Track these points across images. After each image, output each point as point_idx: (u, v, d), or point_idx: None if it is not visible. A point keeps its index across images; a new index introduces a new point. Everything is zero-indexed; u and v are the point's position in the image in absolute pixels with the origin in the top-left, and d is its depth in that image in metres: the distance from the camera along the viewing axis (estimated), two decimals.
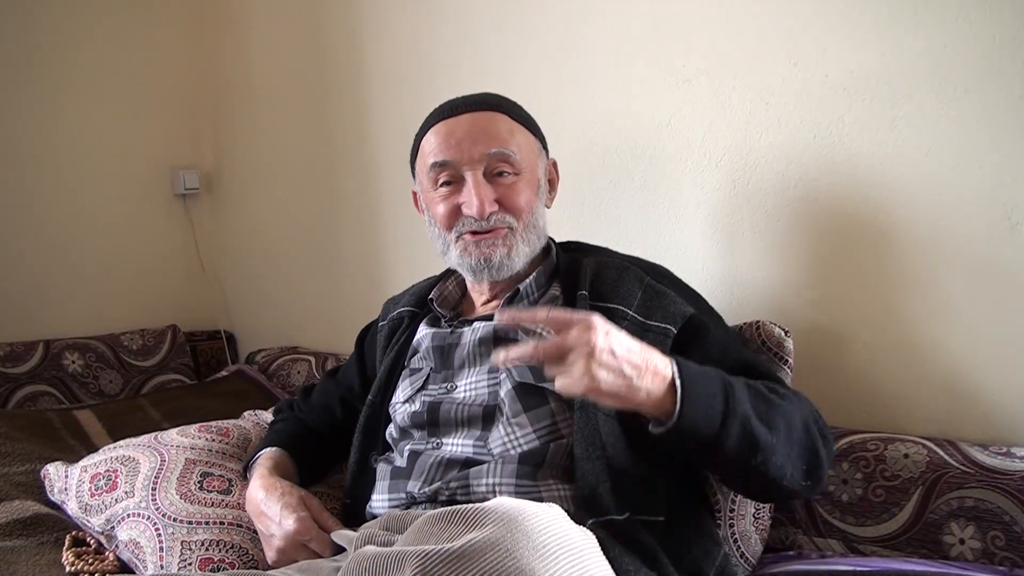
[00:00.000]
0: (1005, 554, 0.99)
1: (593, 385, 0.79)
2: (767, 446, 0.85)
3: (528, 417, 0.98)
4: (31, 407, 1.93)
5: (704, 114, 1.36)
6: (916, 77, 1.14)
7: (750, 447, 0.84)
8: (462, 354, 1.09)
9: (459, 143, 1.08)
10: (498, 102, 1.14)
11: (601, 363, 0.78)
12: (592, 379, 0.78)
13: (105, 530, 1.21)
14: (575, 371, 0.79)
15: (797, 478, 0.88)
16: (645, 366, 0.81)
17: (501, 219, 1.08)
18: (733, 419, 0.83)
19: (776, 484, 0.87)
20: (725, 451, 0.84)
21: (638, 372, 0.80)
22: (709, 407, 0.83)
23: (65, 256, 2.22)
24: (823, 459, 0.92)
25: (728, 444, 0.83)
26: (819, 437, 0.92)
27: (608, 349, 0.79)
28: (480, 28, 1.70)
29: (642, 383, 0.81)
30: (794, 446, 0.88)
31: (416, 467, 1.02)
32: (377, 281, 1.99)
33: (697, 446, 0.85)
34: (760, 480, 0.87)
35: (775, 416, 0.88)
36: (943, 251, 1.14)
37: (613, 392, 0.80)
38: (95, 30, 2.27)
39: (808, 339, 1.26)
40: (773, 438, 0.86)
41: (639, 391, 0.81)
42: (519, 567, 0.64)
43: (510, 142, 1.09)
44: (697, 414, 0.82)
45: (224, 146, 2.47)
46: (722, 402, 0.84)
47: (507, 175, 1.09)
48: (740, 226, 1.34)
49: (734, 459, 0.85)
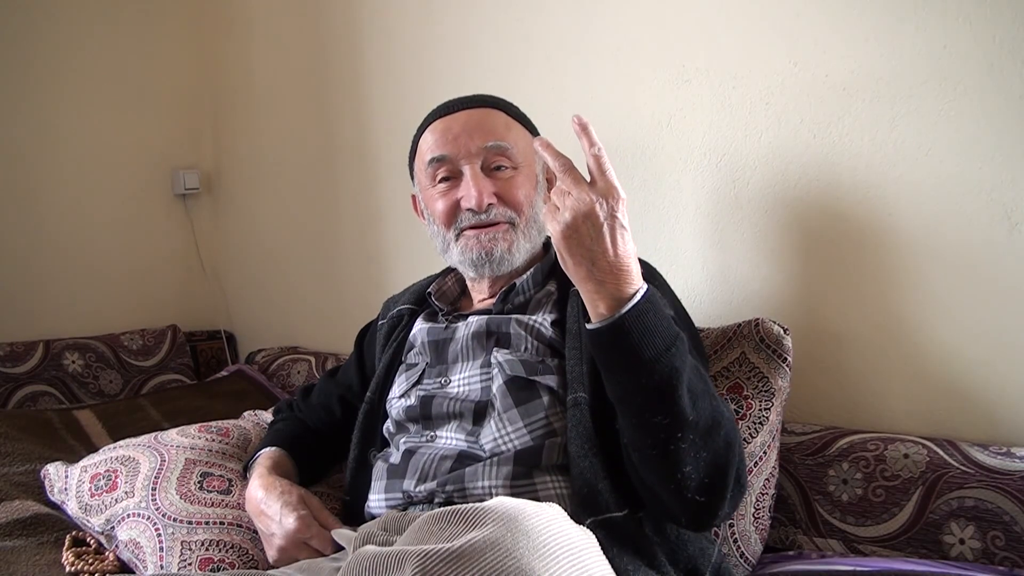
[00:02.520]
0: (1005, 554, 0.99)
1: (566, 232, 0.81)
2: (683, 423, 0.80)
3: (519, 412, 0.98)
4: (31, 407, 1.93)
5: (704, 114, 1.36)
6: (916, 77, 1.14)
7: (667, 409, 0.80)
8: (456, 348, 1.09)
9: (456, 138, 1.09)
10: (495, 101, 1.15)
11: (590, 223, 0.80)
12: (569, 227, 0.80)
13: (105, 530, 1.21)
14: (567, 207, 0.81)
15: (692, 483, 0.82)
16: (617, 261, 0.81)
17: (501, 213, 1.09)
18: (663, 364, 0.80)
19: (669, 472, 0.82)
20: (641, 388, 0.80)
21: (606, 255, 0.80)
22: (649, 336, 0.80)
23: (65, 256, 2.22)
24: (729, 484, 0.85)
25: (647, 383, 0.80)
26: (736, 461, 0.86)
27: (607, 220, 0.80)
28: (480, 28, 1.70)
29: (602, 265, 0.81)
30: (707, 449, 0.83)
31: (411, 465, 1.03)
32: (377, 281, 1.99)
33: (617, 359, 0.82)
34: (657, 457, 0.82)
35: (704, 402, 0.83)
36: (943, 251, 1.14)
37: (573, 251, 0.81)
38: (95, 30, 2.27)
39: (808, 339, 1.26)
40: (693, 417, 0.81)
41: (594, 270, 0.81)
42: (519, 566, 0.64)
43: (507, 136, 1.10)
44: (634, 332, 0.80)
45: (224, 146, 2.47)
46: (664, 344, 0.80)
47: (505, 169, 1.09)
48: (740, 226, 1.34)
49: (644, 405, 0.81)
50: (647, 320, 0.81)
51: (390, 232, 1.97)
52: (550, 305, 1.08)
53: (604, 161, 0.83)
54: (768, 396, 1.14)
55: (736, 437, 0.87)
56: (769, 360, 1.16)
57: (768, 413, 1.13)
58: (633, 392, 0.82)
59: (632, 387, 0.82)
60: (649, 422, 0.82)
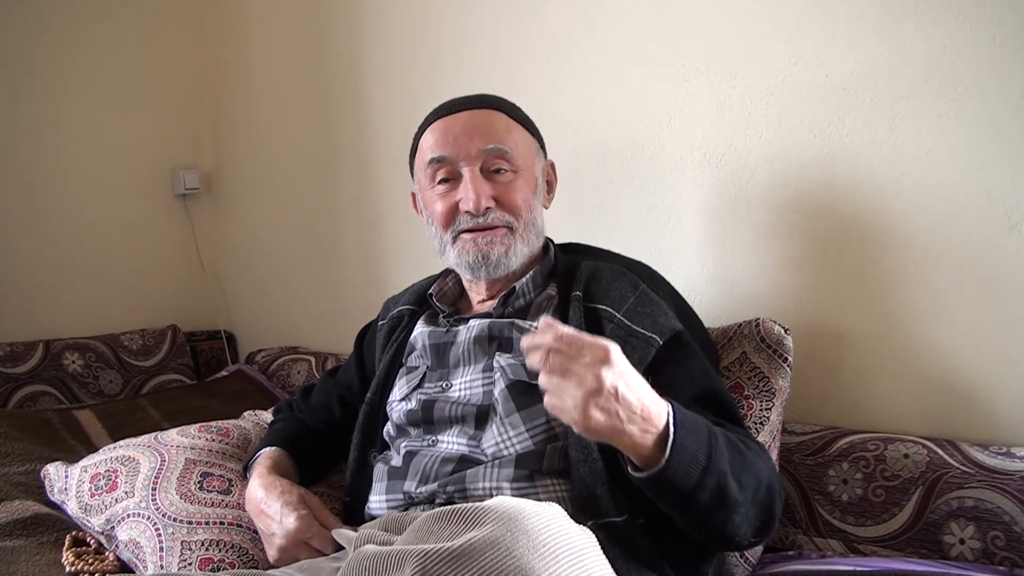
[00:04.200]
0: (1005, 554, 0.99)
1: (584, 423, 0.76)
2: (735, 504, 0.83)
3: (521, 416, 0.98)
4: (31, 407, 1.92)
5: (704, 114, 1.36)
6: (916, 77, 1.14)
7: (720, 503, 0.82)
8: (457, 352, 1.09)
9: (456, 139, 1.08)
10: (497, 102, 1.14)
11: (599, 404, 0.75)
12: (585, 416, 0.75)
13: (105, 530, 1.21)
14: (570, 400, 0.75)
15: (748, 535, 0.87)
16: (640, 412, 0.77)
17: (499, 217, 1.08)
18: (711, 476, 0.81)
19: (728, 539, 0.86)
20: (696, 503, 0.82)
21: (630, 416, 0.77)
22: (692, 461, 0.80)
23: (65, 256, 2.22)
24: (775, 517, 0.90)
25: (701, 498, 0.81)
26: (778, 498, 0.91)
27: (614, 391, 0.75)
28: (480, 28, 1.70)
29: (631, 427, 0.77)
30: (755, 504, 0.86)
31: (412, 467, 1.03)
32: (377, 281, 1.99)
33: (670, 495, 0.83)
34: (715, 532, 0.86)
35: (748, 475, 0.86)
36: (943, 251, 1.14)
37: (600, 432, 0.77)
38: (95, 30, 2.27)
39: (808, 339, 1.26)
40: (741, 496, 0.84)
41: (624, 435, 0.77)
42: (519, 566, 0.64)
43: (507, 139, 1.09)
44: (679, 468, 0.79)
45: (224, 146, 2.47)
46: (705, 457, 0.81)
47: (504, 172, 1.09)
48: (740, 226, 1.34)
49: (701, 511, 0.83)
50: (686, 449, 0.80)
51: (390, 232, 1.97)
52: (551, 310, 1.08)
53: (576, 338, 0.76)
54: (769, 396, 1.14)
55: (773, 475, 0.92)
56: (770, 360, 1.16)
57: (769, 413, 1.13)
58: (688, 510, 0.84)
59: (687, 507, 0.83)
60: (706, 522, 0.85)
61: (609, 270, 1.08)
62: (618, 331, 0.99)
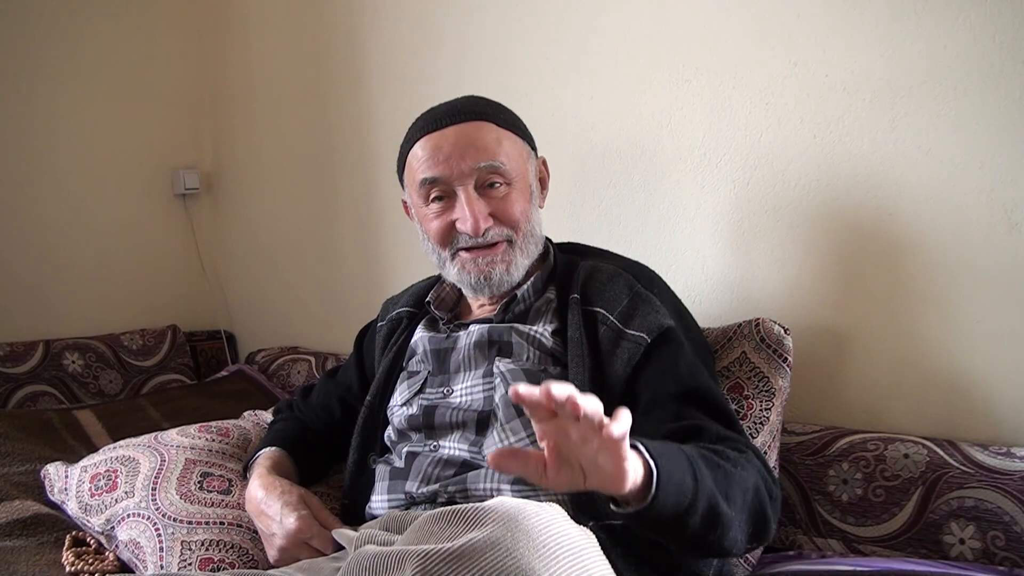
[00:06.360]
0: (1005, 554, 0.99)
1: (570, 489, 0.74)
2: (727, 521, 0.82)
3: (521, 422, 0.98)
4: (31, 407, 1.92)
5: (704, 114, 1.36)
6: (916, 77, 1.14)
7: (711, 525, 0.81)
8: (458, 358, 1.09)
9: (447, 159, 1.06)
10: (483, 109, 1.10)
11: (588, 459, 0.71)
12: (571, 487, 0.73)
13: (105, 530, 1.21)
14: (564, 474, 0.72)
15: (743, 543, 0.86)
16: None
17: (498, 233, 1.07)
18: (701, 498, 0.79)
19: (726, 553, 0.85)
20: (688, 528, 0.79)
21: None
22: (679, 489, 0.77)
23: (65, 256, 2.22)
24: (770, 518, 0.89)
25: (692, 522, 0.79)
26: (767, 498, 0.89)
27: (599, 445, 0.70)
28: (480, 29, 1.70)
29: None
30: (745, 513, 0.85)
31: (414, 467, 1.03)
32: (377, 281, 1.99)
33: (660, 524, 0.79)
34: (710, 550, 0.85)
35: (734, 487, 0.84)
36: (943, 251, 1.14)
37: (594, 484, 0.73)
38: (95, 30, 2.27)
39: (808, 339, 1.26)
40: (732, 511, 0.82)
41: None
42: (519, 566, 0.64)
43: (499, 153, 1.07)
44: (668, 499, 0.76)
45: (224, 146, 2.47)
46: (692, 479, 0.78)
47: (499, 186, 1.07)
48: (740, 226, 1.34)
49: (693, 536, 0.81)
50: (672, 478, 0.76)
51: (389, 232, 1.97)
52: (550, 314, 1.08)
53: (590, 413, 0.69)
54: (768, 396, 1.14)
55: (759, 478, 0.89)
56: (770, 360, 1.16)
57: (768, 413, 1.13)
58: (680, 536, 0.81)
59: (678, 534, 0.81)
60: (699, 544, 0.83)
61: (605, 271, 1.08)
62: (610, 333, 1.00)
